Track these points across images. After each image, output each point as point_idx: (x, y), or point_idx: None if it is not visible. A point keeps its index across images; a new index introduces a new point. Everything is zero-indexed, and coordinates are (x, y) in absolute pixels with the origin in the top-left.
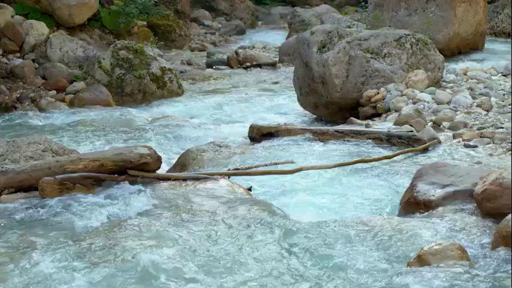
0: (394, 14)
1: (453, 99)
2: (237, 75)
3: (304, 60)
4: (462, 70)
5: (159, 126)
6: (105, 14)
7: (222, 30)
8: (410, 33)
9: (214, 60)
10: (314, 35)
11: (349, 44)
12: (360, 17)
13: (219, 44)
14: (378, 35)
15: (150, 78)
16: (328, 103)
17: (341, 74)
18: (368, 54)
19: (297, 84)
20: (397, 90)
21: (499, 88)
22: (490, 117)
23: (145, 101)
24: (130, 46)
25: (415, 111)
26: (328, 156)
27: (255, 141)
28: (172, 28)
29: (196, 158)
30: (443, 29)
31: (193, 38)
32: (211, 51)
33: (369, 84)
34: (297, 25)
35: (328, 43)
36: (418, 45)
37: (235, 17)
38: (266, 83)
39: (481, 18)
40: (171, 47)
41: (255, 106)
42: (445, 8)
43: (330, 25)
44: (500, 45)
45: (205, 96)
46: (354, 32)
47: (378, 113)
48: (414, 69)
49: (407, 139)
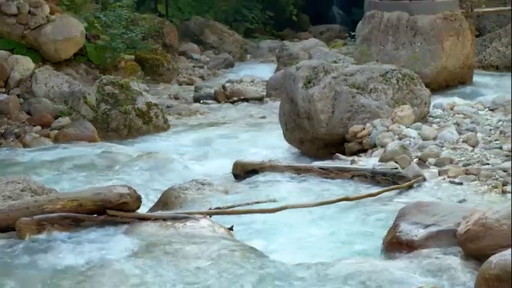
0: (381, 48)
1: (439, 135)
2: (224, 109)
3: (289, 95)
4: (449, 105)
5: (143, 162)
6: (91, 49)
7: (211, 63)
8: (396, 68)
9: (202, 95)
10: (300, 70)
11: (334, 80)
12: (347, 50)
13: (207, 77)
14: (363, 70)
15: (135, 113)
16: (314, 139)
17: (327, 110)
18: (354, 90)
19: (282, 120)
20: (383, 125)
21: (485, 123)
22: (476, 154)
23: (130, 137)
24: (116, 81)
25: (401, 148)
26: (312, 194)
27: (239, 178)
28: (160, 62)
29: (178, 196)
30: (431, 63)
31: (181, 71)
32: (199, 85)
33: (355, 119)
34: (285, 59)
35: (314, 78)
36: (404, 80)
37: (223, 50)
38: (253, 118)
39: (468, 52)
40: (158, 81)
41: (241, 142)
42: (433, 42)
43: (315, 60)
44: (488, 78)
45: (191, 131)
46: (340, 67)
47: (364, 149)
48: (400, 105)
49: (392, 176)
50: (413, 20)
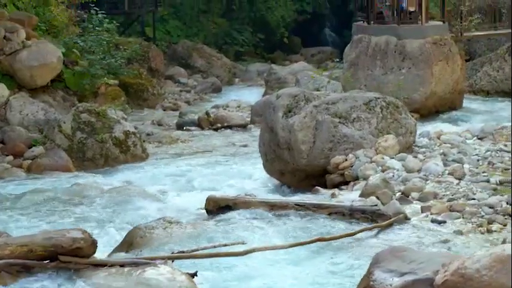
0: (369, 73)
1: (424, 166)
2: (206, 137)
3: (269, 125)
4: (436, 134)
5: (114, 196)
6: (69, 75)
7: (198, 88)
8: (380, 97)
9: (185, 121)
10: (280, 98)
11: (316, 108)
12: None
13: (193, 102)
14: (346, 98)
15: (112, 142)
16: (294, 170)
17: (307, 140)
18: (336, 119)
19: (262, 150)
20: (367, 156)
21: (473, 153)
22: (461, 187)
23: (107, 166)
24: (93, 109)
25: (383, 181)
26: (286, 233)
27: (212, 214)
28: (145, 87)
29: (144, 236)
30: (420, 88)
31: (167, 96)
32: (184, 111)
33: (337, 150)
34: (273, 82)
35: (295, 107)
36: (389, 109)
37: (211, 74)
38: (235, 146)
39: (458, 77)
40: (143, 106)
41: (220, 172)
42: (422, 67)
43: (296, 88)
44: (479, 103)
45: (170, 160)
46: (322, 96)
47: (346, 181)
48: (384, 134)
49: (371, 214)
50: (401, 44)
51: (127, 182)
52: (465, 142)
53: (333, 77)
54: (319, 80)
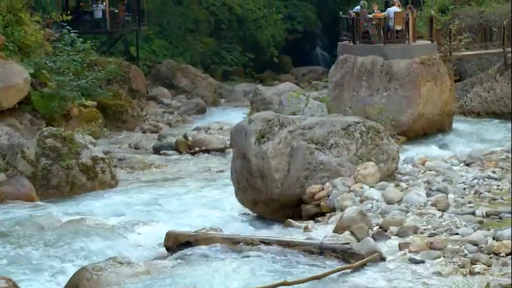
0: (355, 94)
1: (405, 197)
2: (182, 162)
3: (241, 151)
4: (420, 160)
5: (69, 230)
6: (37, 97)
7: (182, 109)
8: (360, 121)
9: (163, 145)
10: (253, 123)
11: (291, 134)
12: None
13: (175, 124)
14: (323, 123)
15: (79, 168)
16: (268, 200)
17: (282, 168)
18: (312, 145)
19: (234, 178)
20: (345, 185)
21: (459, 180)
22: (444, 220)
23: (73, 194)
24: (59, 133)
25: (359, 214)
26: (248, 275)
27: (171, 251)
28: (124, 108)
29: (91, 278)
30: (407, 110)
31: (148, 117)
32: (163, 134)
33: (313, 178)
34: (258, 103)
35: (268, 133)
36: (369, 134)
37: (196, 94)
38: (210, 172)
39: (447, 98)
40: (122, 128)
41: (191, 201)
42: (409, 88)
43: (271, 112)
44: (469, 125)
45: (140, 188)
46: (297, 120)
47: (322, 212)
48: (364, 161)
49: (342, 253)
50: (388, 64)
51: (90, 211)
52: (451, 169)
53: (312, 97)
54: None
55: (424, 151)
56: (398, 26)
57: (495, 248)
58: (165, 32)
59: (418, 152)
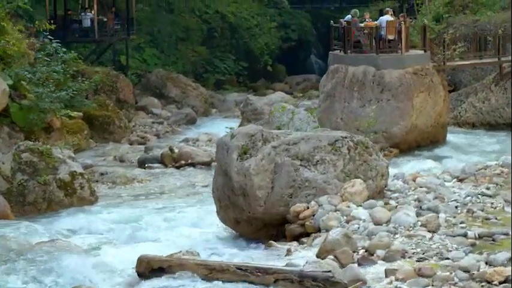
0: (346, 105)
1: (393, 217)
2: (167, 176)
3: (223, 168)
4: (411, 176)
5: (39, 252)
6: (15, 110)
7: (172, 119)
8: (347, 136)
9: (148, 158)
10: (235, 138)
11: (275, 150)
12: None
13: (164, 135)
14: (309, 138)
15: (57, 184)
16: (250, 219)
17: (265, 185)
18: (297, 161)
19: (215, 196)
20: (331, 204)
21: (451, 198)
22: (434, 242)
23: (50, 211)
24: (36, 148)
25: (344, 237)
26: None
27: (143, 277)
28: (111, 119)
29: None
30: (400, 122)
31: (136, 128)
32: (150, 146)
33: (298, 196)
34: (249, 114)
35: (251, 148)
36: (357, 150)
37: (187, 104)
38: (195, 187)
39: (441, 109)
40: (108, 140)
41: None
42: (401, 99)
43: (254, 127)
44: (463, 137)
45: (120, 204)
46: (282, 135)
47: (307, 232)
48: (352, 178)
49: (323, 282)
50: (380, 74)
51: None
52: (443, 185)
53: (304, 107)
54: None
55: (416, 164)
56: (391, 36)
57: (487, 275)
58: (156, 40)
59: (411, 165)
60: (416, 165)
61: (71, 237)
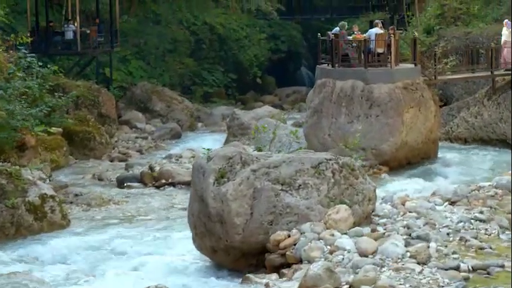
0: (333, 121)
1: (380, 248)
2: (145, 197)
3: (198, 193)
4: (400, 200)
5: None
6: None
7: (156, 134)
8: (332, 158)
9: (127, 176)
10: (211, 161)
11: (254, 173)
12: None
13: (147, 151)
14: (291, 160)
15: (26, 208)
16: (228, 248)
17: (243, 212)
18: (278, 186)
19: (191, 222)
20: (314, 232)
21: (443, 223)
22: (425, 277)
23: (19, 236)
24: (4, 169)
25: (327, 271)
26: None
27: None
28: (92, 135)
29: None
30: (389, 138)
31: (118, 144)
32: (131, 163)
33: (279, 223)
34: (235, 129)
35: (229, 172)
36: (342, 173)
37: (172, 118)
38: (173, 209)
39: (432, 125)
40: (89, 156)
41: (146, 245)
42: (391, 115)
43: (232, 148)
44: (455, 153)
45: (93, 229)
46: (262, 157)
47: (288, 263)
48: (336, 204)
49: None
50: (369, 89)
51: (34, 258)
52: (434, 209)
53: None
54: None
55: (407, 184)
56: (380, 49)
57: None
58: (142, 52)
59: (401, 184)
60: (407, 184)
61: (35, 267)
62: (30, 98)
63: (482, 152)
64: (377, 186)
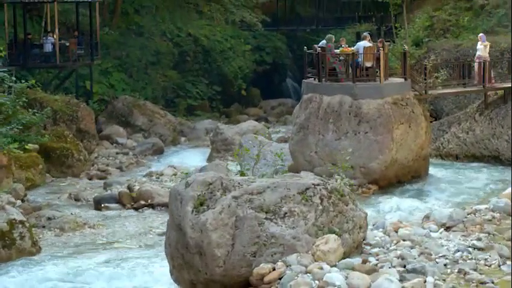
0: (321, 138)
1: (373, 284)
2: (123, 220)
3: (176, 221)
4: (392, 225)
5: None
6: None
7: (137, 149)
8: (320, 183)
9: (105, 197)
10: (190, 187)
11: (236, 200)
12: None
13: (127, 168)
14: (276, 186)
15: None
16: (207, 281)
17: (224, 242)
18: (262, 214)
19: (168, 253)
20: (300, 264)
21: (439, 253)
22: None
23: None
24: None
25: None
26: None
27: None
28: (70, 152)
29: None
30: (379, 156)
31: (99, 160)
32: (110, 181)
33: (263, 255)
34: (219, 144)
35: (209, 199)
36: (331, 199)
37: (154, 133)
38: (152, 235)
39: (423, 142)
40: (66, 174)
41: (120, 276)
42: (380, 131)
43: (212, 173)
44: (447, 170)
45: (64, 257)
46: (244, 183)
47: None
48: (325, 233)
49: None
50: (357, 105)
51: None
52: (429, 236)
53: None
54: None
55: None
56: (369, 63)
57: None
58: (124, 65)
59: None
60: (398, 205)
61: None
62: (3, 115)
63: (474, 169)
64: (366, 207)
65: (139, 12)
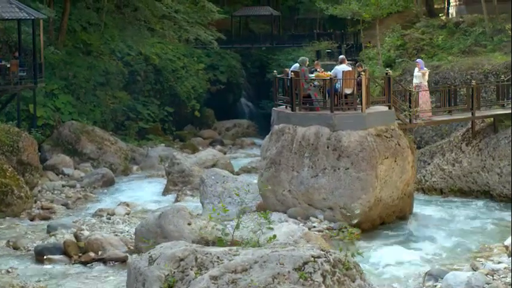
0: (295, 175)
1: None
2: (68, 279)
3: None
4: None
5: None
6: None
7: (85, 180)
8: (321, 254)
9: (48, 246)
10: (155, 265)
11: (215, 282)
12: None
13: (74, 204)
14: (265, 260)
15: None
16: None
17: None
18: None
19: None
20: None
21: None
22: None
23: None
24: None
25: None
26: None
27: None
28: (10, 188)
29: None
30: (361, 195)
31: (43, 194)
32: (54, 224)
33: None
34: (175, 176)
35: (179, 280)
36: (336, 275)
37: (104, 161)
38: None
39: (409, 177)
40: (5, 214)
41: None
42: (363, 167)
43: (182, 245)
44: (432, 208)
45: None
46: (225, 257)
47: None
48: None
49: None
50: (336, 137)
51: None
52: None
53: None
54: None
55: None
56: (348, 89)
57: None
58: (71, 86)
59: (380, 256)
60: (386, 254)
61: None
62: None
63: (463, 205)
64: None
65: (87, 30)
